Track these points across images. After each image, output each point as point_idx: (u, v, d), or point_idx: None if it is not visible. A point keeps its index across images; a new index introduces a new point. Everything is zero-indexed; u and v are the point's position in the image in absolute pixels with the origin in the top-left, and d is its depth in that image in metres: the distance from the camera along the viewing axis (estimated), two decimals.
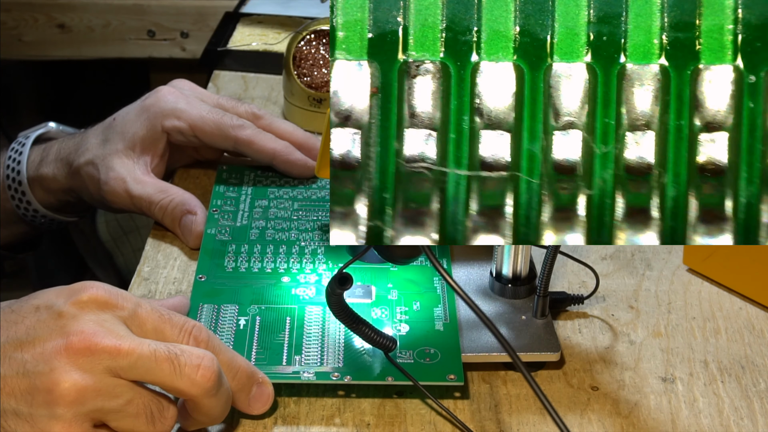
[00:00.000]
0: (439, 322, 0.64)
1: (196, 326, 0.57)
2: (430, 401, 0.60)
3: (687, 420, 0.60)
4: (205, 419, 0.56)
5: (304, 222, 0.74)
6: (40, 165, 0.82)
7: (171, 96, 0.80)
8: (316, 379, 0.60)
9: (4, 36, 1.46)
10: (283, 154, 0.79)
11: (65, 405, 0.52)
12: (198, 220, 0.74)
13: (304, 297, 0.66)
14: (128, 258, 1.21)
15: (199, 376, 0.54)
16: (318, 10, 1.10)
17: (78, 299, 0.55)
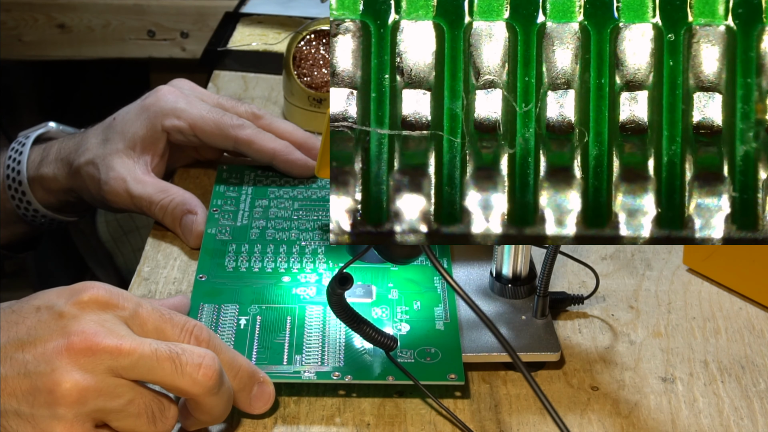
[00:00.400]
0: (440, 321, 0.64)
1: (197, 326, 0.57)
2: (431, 401, 0.60)
3: (687, 420, 0.60)
4: (206, 418, 0.56)
5: (305, 222, 0.74)
6: (40, 165, 0.82)
7: (171, 95, 0.80)
8: (317, 378, 0.60)
9: (4, 36, 1.46)
10: (283, 154, 0.79)
11: (67, 405, 0.52)
12: (198, 219, 0.74)
13: (304, 297, 0.66)
14: (128, 258, 1.21)
15: (200, 375, 0.54)
16: (318, 10, 1.10)
17: (79, 299, 0.55)
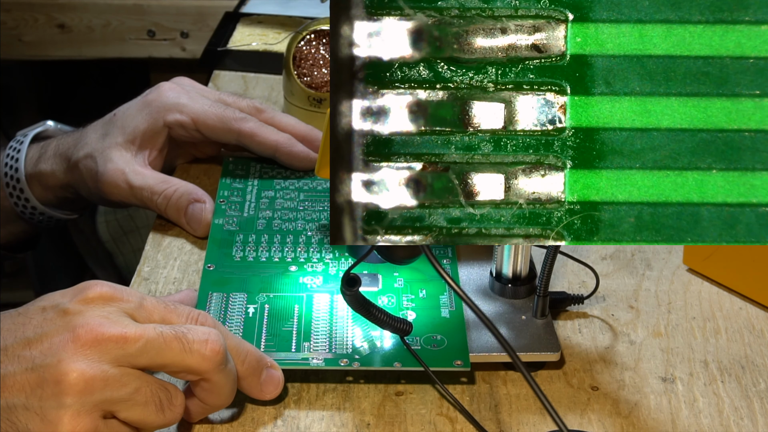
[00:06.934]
0: (445, 309, 0.65)
1: (202, 314, 0.58)
2: (431, 399, 0.61)
3: (687, 420, 0.60)
4: (214, 400, 0.57)
5: (311, 212, 0.74)
6: (38, 161, 0.82)
7: (173, 91, 0.80)
8: (325, 365, 0.60)
9: (4, 36, 1.46)
10: (285, 146, 0.79)
11: (73, 395, 0.52)
12: (208, 207, 0.74)
13: (311, 285, 0.67)
14: (128, 258, 1.21)
15: (208, 350, 0.55)
16: (318, 10, 1.10)
17: (84, 297, 0.55)
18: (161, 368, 0.55)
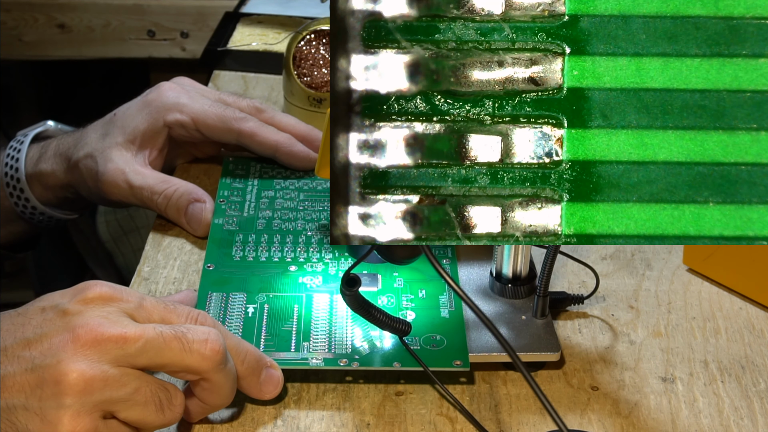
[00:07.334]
0: (445, 309, 0.65)
1: (201, 314, 0.58)
2: (431, 399, 0.61)
3: (687, 420, 0.60)
4: (214, 399, 0.57)
5: (310, 212, 0.74)
6: (38, 161, 0.82)
7: (173, 91, 0.80)
8: (324, 365, 0.60)
9: (4, 36, 1.46)
10: (285, 146, 0.79)
11: (73, 395, 0.52)
12: (208, 207, 0.75)
13: (311, 285, 0.67)
14: (128, 258, 1.21)
15: (208, 350, 0.55)
16: (318, 10, 1.10)
17: (83, 297, 0.56)
18: (161, 368, 0.55)
